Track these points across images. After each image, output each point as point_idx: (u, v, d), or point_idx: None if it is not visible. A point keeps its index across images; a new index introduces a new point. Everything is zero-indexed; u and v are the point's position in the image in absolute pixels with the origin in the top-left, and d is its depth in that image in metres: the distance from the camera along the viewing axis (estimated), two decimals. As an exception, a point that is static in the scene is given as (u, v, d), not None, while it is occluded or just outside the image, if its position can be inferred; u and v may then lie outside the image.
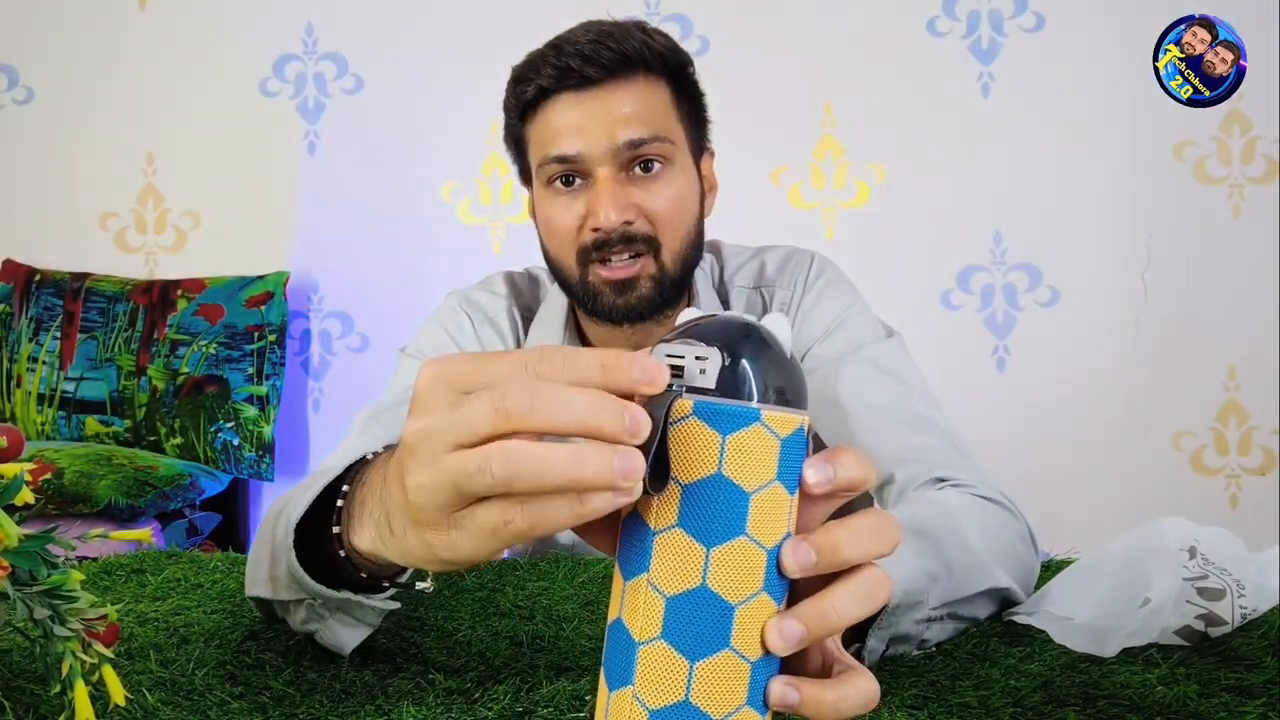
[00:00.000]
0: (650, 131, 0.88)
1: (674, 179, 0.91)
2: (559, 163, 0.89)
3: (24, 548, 0.53)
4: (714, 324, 0.41)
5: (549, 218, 0.92)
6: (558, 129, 0.88)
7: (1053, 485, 2.23)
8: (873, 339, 0.96)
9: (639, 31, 0.89)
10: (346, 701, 0.55)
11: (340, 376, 2.48)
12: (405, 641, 0.66)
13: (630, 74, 0.88)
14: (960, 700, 0.54)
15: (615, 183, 0.88)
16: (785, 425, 0.41)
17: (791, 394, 0.41)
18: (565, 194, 0.90)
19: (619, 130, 0.87)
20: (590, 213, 0.88)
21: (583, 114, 0.87)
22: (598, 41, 0.87)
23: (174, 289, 2.37)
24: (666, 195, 0.90)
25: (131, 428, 2.28)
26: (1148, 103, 2.23)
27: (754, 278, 1.03)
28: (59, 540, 0.56)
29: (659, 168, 0.90)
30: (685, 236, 0.93)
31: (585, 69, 0.86)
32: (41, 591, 0.54)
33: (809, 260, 1.02)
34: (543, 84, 0.88)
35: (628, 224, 0.88)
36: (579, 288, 0.92)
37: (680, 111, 0.93)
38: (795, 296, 1.00)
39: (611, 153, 0.87)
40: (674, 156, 0.91)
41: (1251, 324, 2.24)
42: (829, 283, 1.01)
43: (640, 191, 0.89)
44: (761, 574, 0.40)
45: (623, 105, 0.88)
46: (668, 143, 0.90)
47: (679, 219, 0.91)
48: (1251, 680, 0.55)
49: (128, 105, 2.52)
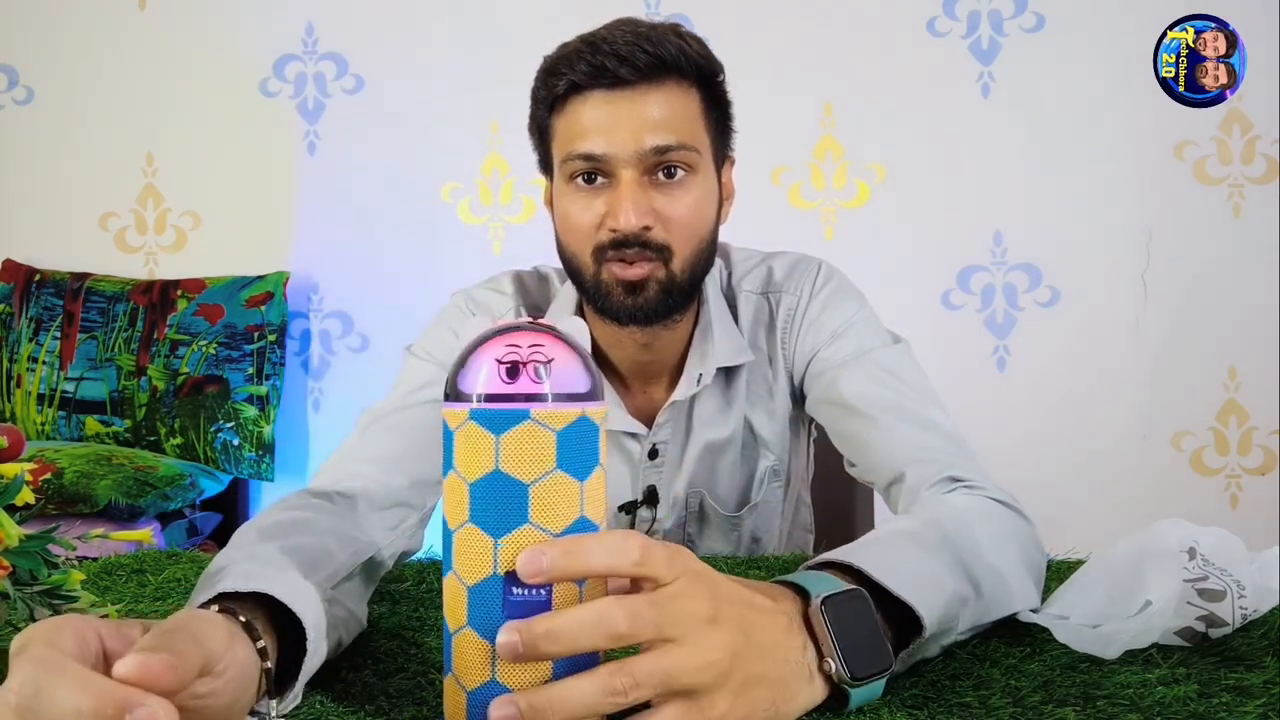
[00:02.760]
0: (677, 139, 0.88)
1: (695, 187, 0.91)
2: (584, 160, 0.88)
3: (24, 548, 0.53)
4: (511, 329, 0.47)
5: (568, 213, 0.92)
6: (586, 126, 0.88)
7: (1053, 485, 2.23)
8: (880, 344, 0.96)
9: (674, 35, 0.89)
10: (346, 701, 0.55)
11: (340, 376, 2.48)
12: (405, 641, 0.66)
13: (663, 78, 0.88)
14: (960, 700, 0.54)
15: (638, 186, 0.88)
16: (560, 419, 0.45)
17: (578, 390, 0.46)
18: (586, 191, 0.90)
19: (646, 135, 0.87)
20: (610, 213, 0.88)
21: (612, 114, 0.87)
22: (634, 43, 0.86)
23: (174, 289, 2.37)
24: (686, 203, 0.90)
25: (131, 428, 2.28)
26: (1148, 103, 2.23)
27: (762, 283, 1.03)
28: (59, 540, 0.56)
29: (682, 175, 0.89)
30: (699, 245, 0.92)
31: (620, 69, 0.86)
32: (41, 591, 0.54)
33: (816, 267, 1.03)
34: (575, 79, 0.87)
35: (646, 229, 0.88)
36: (591, 285, 0.92)
37: (708, 120, 0.93)
38: (802, 303, 1.00)
39: (637, 156, 0.87)
40: (697, 165, 0.91)
41: (1251, 324, 2.24)
42: (836, 289, 1.01)
43: (661, 197, 0.89)
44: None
45: (652, 109, 0.87)
46: (693, 151, 0.89)
47: (695, 227, 0.91)
48: (1251, 680, 0.55)
49: (128, 105, 2.53)
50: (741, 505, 1.06)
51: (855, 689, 0.51)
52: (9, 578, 0.52)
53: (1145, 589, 0.60)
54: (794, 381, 1.02)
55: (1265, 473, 2.26)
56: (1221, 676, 0.56)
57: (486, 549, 0.45)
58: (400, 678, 0.59)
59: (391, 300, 2.43)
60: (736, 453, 1.03)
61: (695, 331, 0.99)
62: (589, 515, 0.46)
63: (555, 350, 0.46)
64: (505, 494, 0.45)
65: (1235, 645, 0.61)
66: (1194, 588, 0.60)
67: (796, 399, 1.04)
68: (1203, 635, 0.61)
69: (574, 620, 0.43)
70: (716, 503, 1.04)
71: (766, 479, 1.05)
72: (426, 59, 2.45)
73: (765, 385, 1.02)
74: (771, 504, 1.07)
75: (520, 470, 0.45)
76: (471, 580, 0.45)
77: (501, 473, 0.45)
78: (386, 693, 0.56)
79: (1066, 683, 0.56)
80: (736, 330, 1.01)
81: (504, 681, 0.45)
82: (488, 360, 0.46)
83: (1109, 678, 0.56)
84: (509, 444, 0.45)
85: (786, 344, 1.01)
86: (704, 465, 1.03)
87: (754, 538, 1.08)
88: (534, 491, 0.45)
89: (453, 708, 0.47)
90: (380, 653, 0.64)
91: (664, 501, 1.04)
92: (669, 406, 1.00)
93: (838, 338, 0.97)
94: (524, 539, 0.44)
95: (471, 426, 0.45)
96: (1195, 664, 0.58)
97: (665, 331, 0.95)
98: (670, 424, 1.01)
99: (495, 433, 0.45)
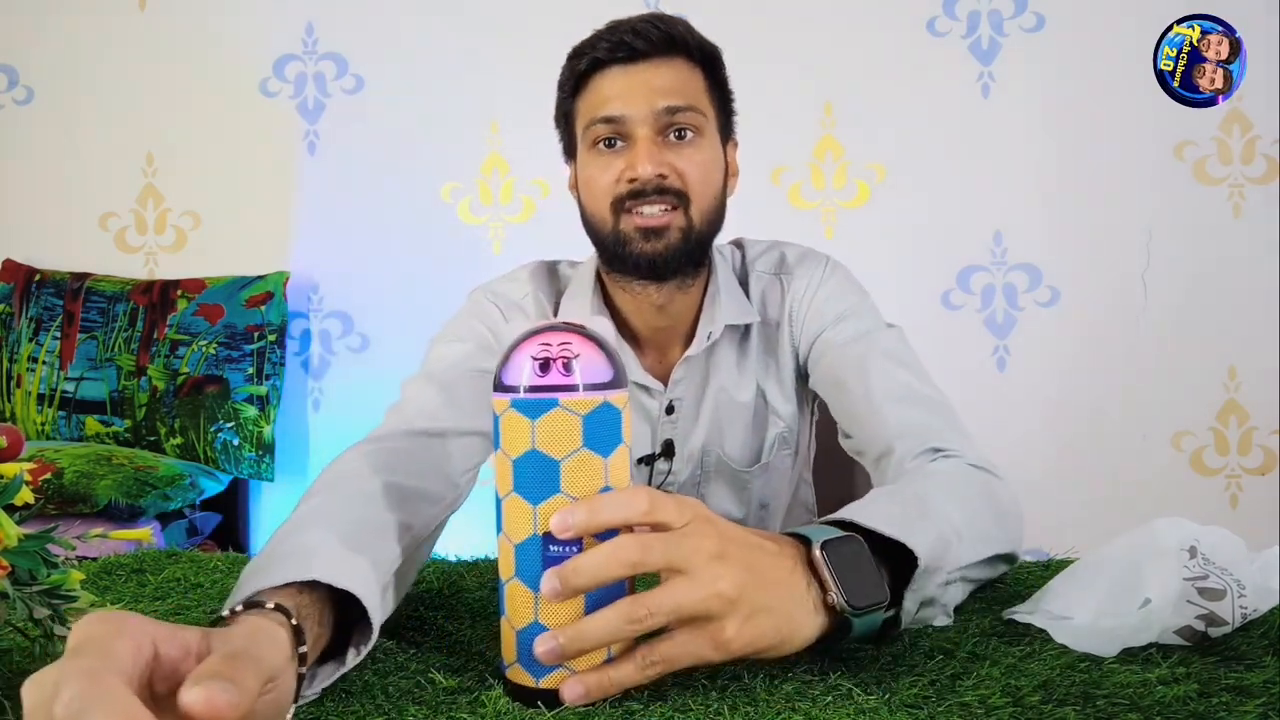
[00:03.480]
0: (686, 101, 0.98)
1: (704, 147, 1.00)
2: (605, 123, 0.98)
3: (24, 548, 0.53)
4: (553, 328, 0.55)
5: (590, 176, 1.01)
6: (606, 96, 0.99)
7: (1052, 485, 2.23)
8: (878, 329, 1.04)
9: (683, 23, 1.02)
10: (346, 701, 0.55)
11: (340, 376, 2.48)
12: (405, 641, 0.66)
13: (672, 54, 0.99)
14: (960, 700, 0.54)
15: (653, 143, 0.97)
16: (585, 405, 0.54)
17: (601, 380, 0.54)
18: (608, 154, 0.99)
19: (658, 98, 0.97)
20: (629, 166, 0.97)
21: (629, 83, 0.98)
22: (648, 22, 0.99)
23: (174, 289, 2.37)
24: (697, 160, 0.99)
25: (131, 428, 2.28)
26: (1148, 103, 2.23)
27: (775, 265, 1.11)
28: (59, 540, 0.56)
29: (691, 135, 0.99)
30: (711, 201, 1.01)
31: (635, 42, 0.98)
32: (41, 591, 0.54)
33: (825, 259, 1.11)
34: (597, 56, 0.99)
35: (662, 177, 0.97)
36: (611, 238, 1.00)
37: (712, 96, 1.03)
38: (811, 286, 1.08)
39: (652, 116, 0.97)
40: (704, 128, 1.00)
41: (1251, 324, 2.24)
42: (842, 280, 1.09)
43: (674, 154, 0.98)
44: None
45: (663, 78, 0.98)
46: (700, 114, 0.99)
47: (706, 183, 1.00)
48: (1251, 680, 0.55)
49: (128, 105, 2.53)
50: (753, 463, 1.12)
51: (857, 618, 0.57)
52: (8, 577, 0.52)
53: (1145, 587, 0.60)
54: (799, 359, 1.10)
55: (1265, 473, 2.26)
56: (1221, 676, 0.56)
57: (527, 514, 0.54)
58: (400, 677, 0.59)
59: (392, 300, 2.43)
60: (750, 415, 1.11)
61: (705, 297, 1.07)
62: (613, 485, 0.54)
63: (581, 347, 0.55)
64: (541, 469, 0.53)
65: (1235, 645, 0.61)
66: (1194, 586, 0.60)
67: (801, 376, 1.11)
68: (1203, 634, 0.61)
69: (596, 554, 0.52)
70: (729, 459, 1.11)
71: (777, 444, 1.12)
72: (426, 59, 2.45)
73: (774, 358, 1.10)
74: (780, 469, 1.14)
75: (552, 449, 0.53)
76: (517, 539, 0.54)
77: (537, 451, 0.53)
78: (386, 692, 0.56)
79: (1066, 683, 0.56)
80: (744, 296, 1.09)
81: (545, 622, 0.54)
82: (525, 357, 0.54)
83: (1109, 677, 0.56)
84: (543, 427, 0.53)
85: (795, 323, 1.08)
86: (718, 423, 1.10)
87: (762, 503, 1.15)
88: (564, 466, 0.53)
89: (506, 645, 0.55)
90: (380, 652, 0.64)
91: (679, 455, 1.11)
92: (683, 362, 1.07)
93: (841, 320, 1.05)
94: (557, 505, 0.53)
95: (512, 413, 0.54)
96: (1195, 664, 0.58)
97: (679, 294, 1.04)
98: (686, 380, 1.08)
99: (531, 418, 0.53)
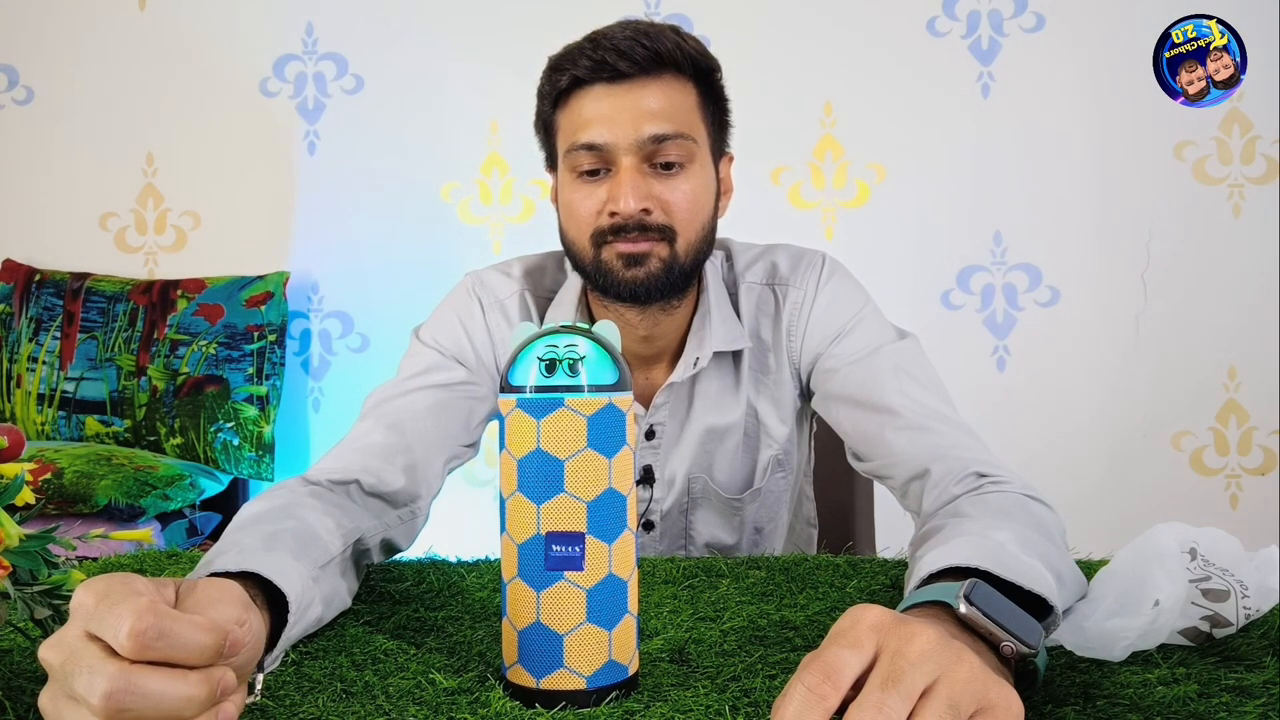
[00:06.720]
0: (674, 128, 0.91)
1: (693, 176, 0.93)
2: (586, 150, 0.92)
3: (24, 548, 0.53)
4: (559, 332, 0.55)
5: (571, 202, 0.95)
6: (588, 118, 0.92)
7: (1052, 485, 2.22)
8: (888, 340, 0.97)
9: (673, 34, 0.93)
10: (347, 701, 0.55)
11: (340, 376, 2.48)
12: (405, 641, 0.66)
13: (661, 72, 0.92)
14: (960, 700, 0.53)
15: (637, 173, 0.91)
16: (590, 406, 0.53)
17: (607, 382, 0.54)
18: (590, 182, 0.93)
19: (645, 124, 0.90)
20: (611, 199, 0.91)
21: (613, 105, 0.91)
22: (633, 39, 0.91)
23: (174, 289, 2.37)
24: (685, 190, 0.93)
25: (131, 428, 2.28)
26: (1148, 103, 2.23)
27: (766, 274, 1.04)
28: (59, 540, 0.56)
29: (679, 168, 0.92)
30: (699, 231, 0.95)
31: (619, 63, 0.90)
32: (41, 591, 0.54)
33: (820, 261, 1.04)
34: (578, 74, 0.92)
35: (645, 213, 0.91)
36: (591, 267, 0.95)
37: (704, 113, 0.96)
38: (808, 296, 1.02)
39: (636, 144, 0.90)
40: (695, 155, 0.93)
41: (1251, 324, 2.24)
42: (840, 284, 1.02)
43: (660, 185, 0.92)
44: (584, 520, 0.53)
45: (651, 101, 0.91)
46: (690, 140, 0.92)
47: (694, 214, 0.94)
48: (1251, 680, 0.55)
49: (128, 105, 2.52)
50: (744, 489, 1.07)
51: (1036, 659, 0.51)
52: (9, 578, 0.52)
53: (1154, 590, 0.60)
54: (800, 376, 1.03)
55: (1265, 473, 2.26)
56: (1221, 676, 0.56)
57: (531, 514, 0.54)
58: (400, 677, 0.59)
59: (391, 300, 2.43)
60: (739, 439, 1.05)
61: (694, 318, 1.01)
62: (616, 487, 0.54)
63: (586, 349, 0.54)
64: (545, 468, 0.53)
65: (1235, 645, 0.61)
66: (1198, 588, 0.60)
67: (802, 392, 1.05)
68: (1207, 635, 0.61)
69: None
70: (718, 486, 1.06)
71: (770, 468, 1.06)
72: (426, 59, 2.45)
73: (770, 375, 1.04)
74: (775, 493, 1.08)
75: (557, 449, 0.53)
76: (520, 539, 0.54)
77: (542, 450, 0.53)
78: (387, 693, 0.56)
79: (1066, 683, 0.56)
80: (735, 318, 1.02)
81: (546, 623, 0.53)
82: (531, 358, 0.55)
83: (1109, 678, 0.56)
84: (547, 427, 0.53)
85: (793, 337, 1.02)
86: (705, 449, 1.04)
87: (756, 528, 1.09)
88: (569, 466, 0.53)
89: (508, 645, 0.55)
90: (380, 652, 0.64)
91: (660, 481, 1.06)
92: (666, 388, 1.02)
93: (846, 334, 0.98)
94: (561, 505, 0.53)
95: (518, 413, 0.54)
96: (1195, 664, 0.58)
97: (665, 317, 0.98)
98: (668, 406, 1.03)
99: (536, 418, 0.53)
